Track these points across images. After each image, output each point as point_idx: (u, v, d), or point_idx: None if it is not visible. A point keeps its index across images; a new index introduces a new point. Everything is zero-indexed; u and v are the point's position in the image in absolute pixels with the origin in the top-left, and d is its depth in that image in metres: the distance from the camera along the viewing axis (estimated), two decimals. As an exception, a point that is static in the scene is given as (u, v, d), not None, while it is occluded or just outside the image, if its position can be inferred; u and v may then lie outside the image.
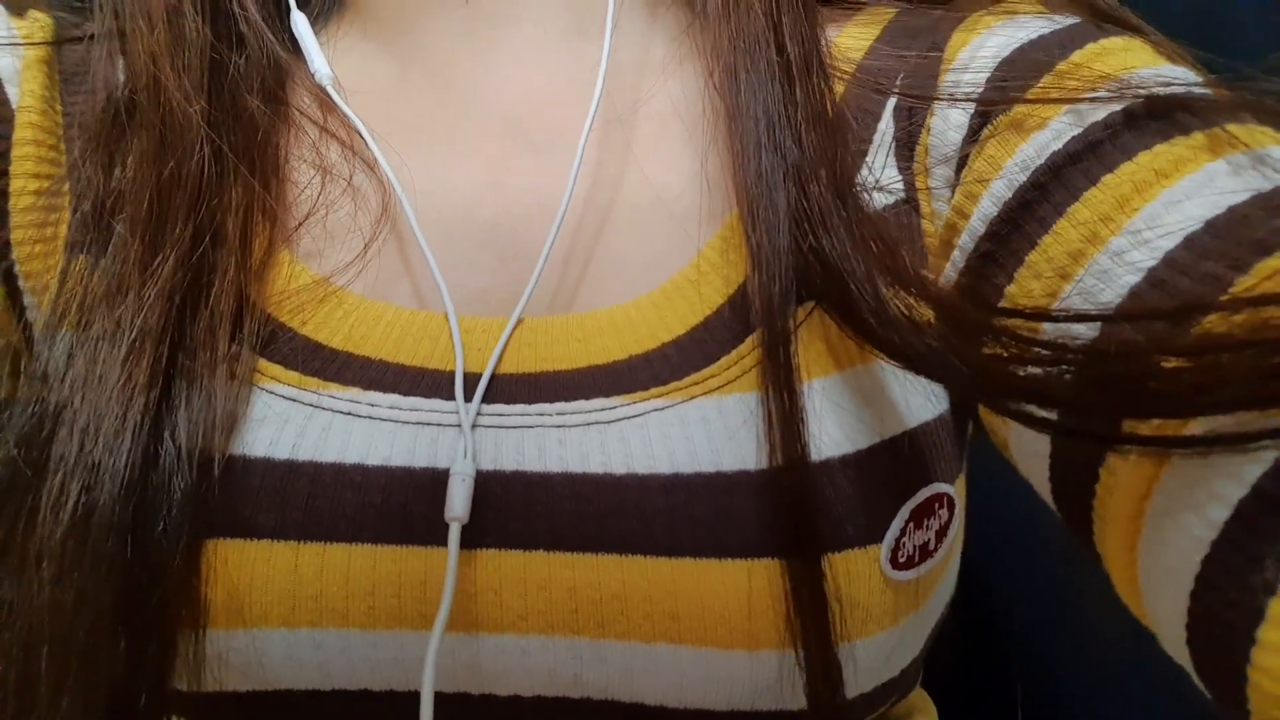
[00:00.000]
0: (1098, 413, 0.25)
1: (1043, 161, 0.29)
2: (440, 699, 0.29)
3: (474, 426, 0.30)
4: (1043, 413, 0.26)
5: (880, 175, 0.33)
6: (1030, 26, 0.32)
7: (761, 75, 0.32)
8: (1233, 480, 0.22)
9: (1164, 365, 0.23)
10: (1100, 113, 0.29)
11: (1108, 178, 0.28)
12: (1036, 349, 0.25)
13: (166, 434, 0.29)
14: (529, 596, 0.28)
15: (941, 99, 0.32)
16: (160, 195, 0.31)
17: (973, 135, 0.31)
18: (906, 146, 0.33)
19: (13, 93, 0.33)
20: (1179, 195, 0.26)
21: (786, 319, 0.29)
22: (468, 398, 0.30)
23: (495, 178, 0.34)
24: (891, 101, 0.34)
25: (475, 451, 0.29)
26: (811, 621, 0.28)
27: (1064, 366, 0.25)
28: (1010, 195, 0.30)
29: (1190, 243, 0.25)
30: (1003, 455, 0.32)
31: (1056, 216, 0.28)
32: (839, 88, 0.34)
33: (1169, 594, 0.24)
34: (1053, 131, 0.29)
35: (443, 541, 0.28)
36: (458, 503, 0.28)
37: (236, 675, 0.29)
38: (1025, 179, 0.29)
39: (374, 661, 0.29)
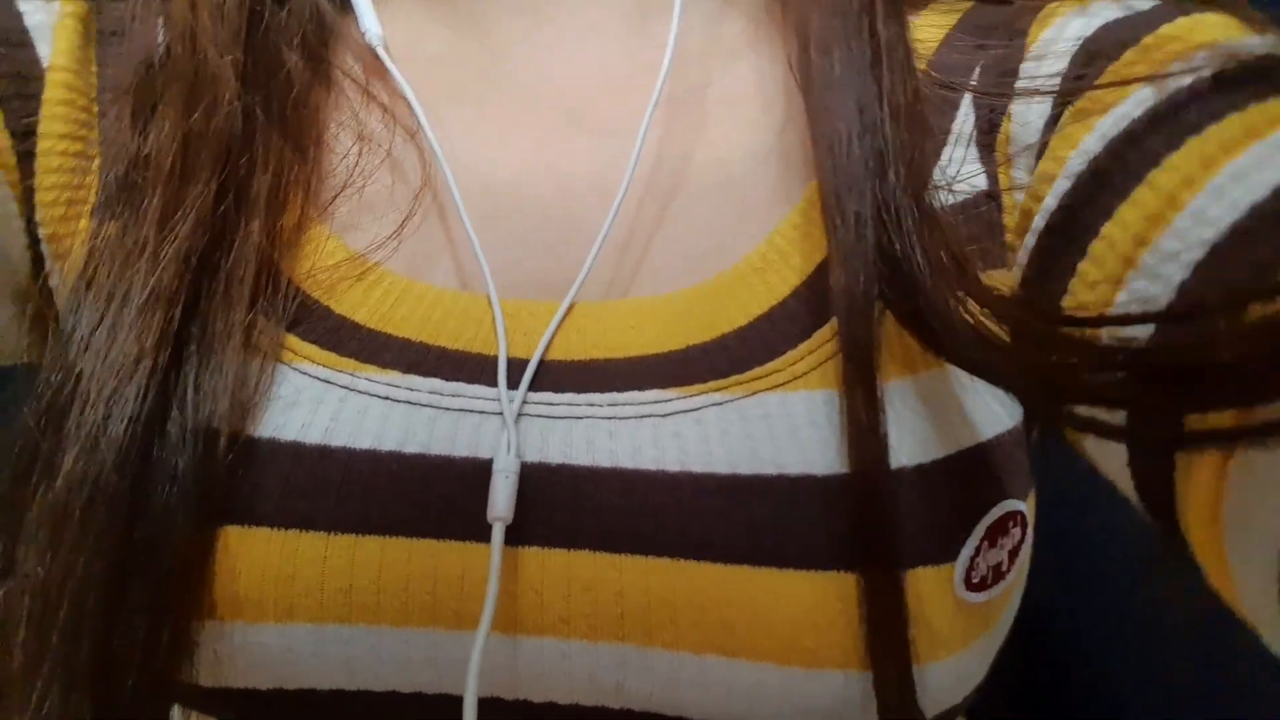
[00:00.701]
0: (1162, 411, 0.24)
1: (1119, 131, 0.27)
2: (459, 704, 0.27)
3: (519, 416, 0.28)
4: (1109, 418, 0.25)
5: (960, 169, 0.31)
6: (1111, 10, 0.30)
7: (854, 58, 0.30)
8: None
9: (1221, 356, 0.22)
10: (1186, 80, 0.27)
11: (1193, 140, 0.26)
12: (1099, 354, 0.25)
13: (174, 404, 0.27)
14: (573, 598, 0.27)
15: (1021, 94, 0.30)
16: (185, 150, 0.30)
17: (1054, 121, 0.30)
18: (988, 135, 0.31)
19: (44, 51, 0.32)
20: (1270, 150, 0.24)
21: (870, 316, 0.27)
22: (513, 385, 0.28)
23: (547, 158, 0.32)
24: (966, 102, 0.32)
25: (519, 445, 0.27)
26: (886, 642, 0.26)
27: (1125, 369, 0.24)
28: (1084, 168, 0.28)
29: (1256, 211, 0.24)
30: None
31: (1135, 184, 0.26)
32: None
33: (1258, 572, 0.22)
34: (1133, 102, 0.27)
35: (483, 537, 0.27)
36: (501, 501, 0.26)
37: (260, 671, 0.27)
38: (1100, 149, 0.28)
39: (404, 661, 0.27)
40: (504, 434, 0.27)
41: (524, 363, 0.29)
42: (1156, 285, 0.25)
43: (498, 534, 0.26)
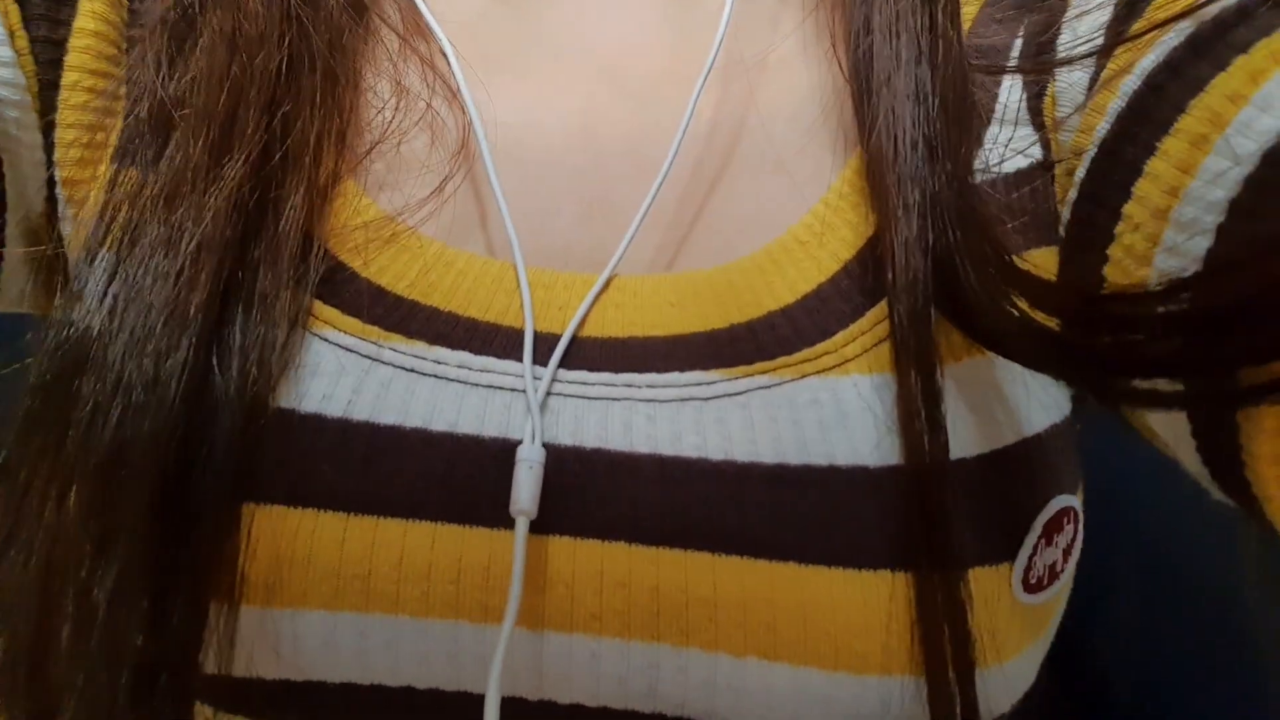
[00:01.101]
0: (1218, 369, 0.23)
1: (1159, 62, 0.25)
2: (481, 702, 0.25)
3: (549, 395, 0.26)
4: (1167, 389, 0.24)
5: (1010, 143, 0.29)
6: None
7: (909, 45, 0.28)
8: None
9: (1265, 306, 0.21)
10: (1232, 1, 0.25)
11: (1240, 59, 0.24)
12: (1147, 326, 0.23)
13: (216, 366, 0.25)
14: (605, 594, 0.25)
15: (1063, 64, 0.28)
16: (231, 90, 0.27)
17: (1098, 76, 0.28)
18: (1036, 101, 0.30)
19: None
20: None
21: (927, 305, 0.26)
22: (544, 361, 0.26)
23: (586, 123, 0.30)
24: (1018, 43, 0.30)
25: (543, 430, 0.26)
26: (945, 648, 0.24)
27: (1175, 335, 0.23)
28: (1124, 106, 0.26)
29: None
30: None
31: (1177, 114, 0.25)
32: None
33: None
34: (1175, 32, 0.26)
35: (512, 525, 0.25)
36: (525, 494, 0.24)
37: (266, 661, 0.25)
38: (1140, 84, 0.26)
39: (423, 655, 0.25)
40: (528, 421, 0.25)
41: (555, 338, 0.27)
42: (1207, 212, 0.24)
43: (521, 529, 0.24)
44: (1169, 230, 0.24)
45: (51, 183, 0.29)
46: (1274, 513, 0.24)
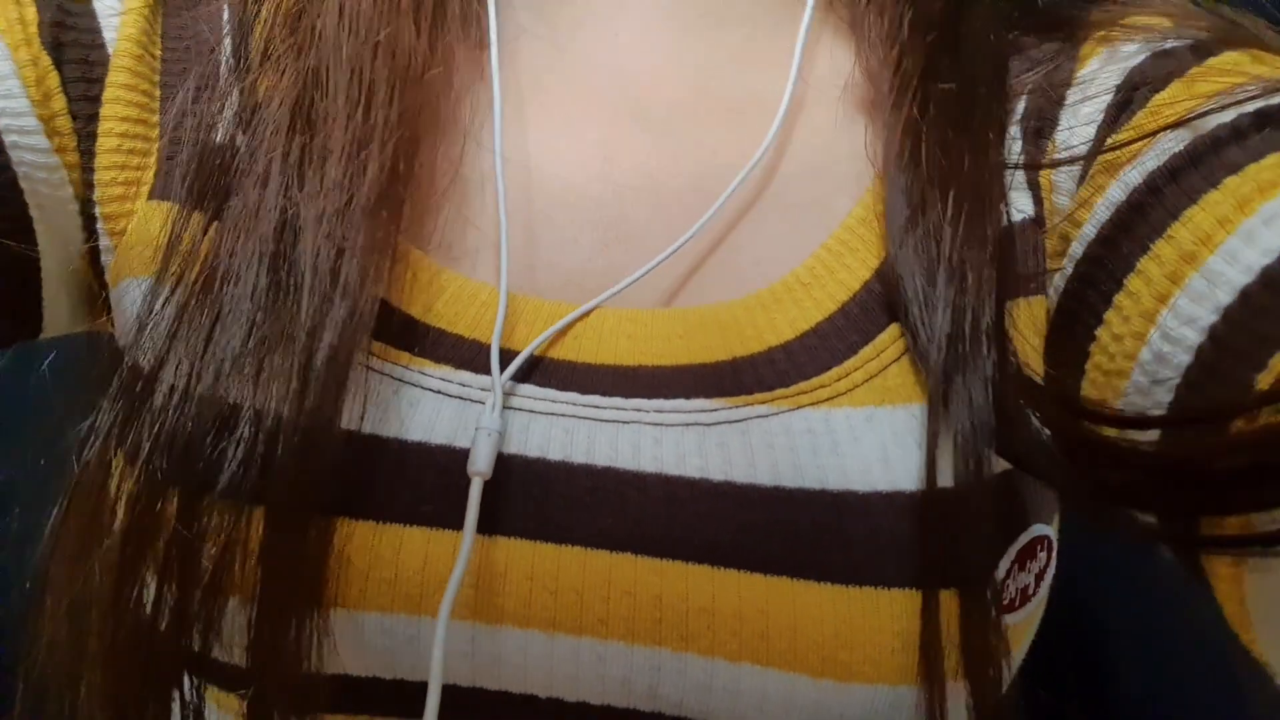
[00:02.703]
0: (1177, 513, 0.26)
1: (1161, 164, 0.28)
2: (499, 699, 0.28)
3: (572, 417, 0.29)
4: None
5: (1008, 197, 0.32)
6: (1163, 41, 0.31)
7: (946, 158, 0.30)
8: None
9: (1216, 464, 0.24)
10: (1228, 115, 0.28)
11: (1230, 180, 0.26)
12: (1112, 454, 0.26)
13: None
14: (613, 600, 0.27)
15: (1058, 164, 0.31)
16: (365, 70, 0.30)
17: (1099, 146, 0.30)
18: (1035, 144, 0.32)
19: (110, 35, 0.32)
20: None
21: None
22: (541, 381, 0.29)
23: (606, 154, 0.33)
24: (1015, 125, 0.32)
25: (562, 447, 0.28)
26: (926, 660, 0.26)
27: (1136, 471, 0.26)
28: (1124, 199, 0.29)
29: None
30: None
31: (1170, 221, 0.27)
32: None
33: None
34: (1175, 137, 0.28)
35: (521, 533, 0.27)
36: (481, 457, 0.27)
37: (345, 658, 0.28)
38: (1140, 180, 0.28)
39: (420, 651, 0.27)
40: (490, 396, 0.28)
41: (559, 363, 0.29)
42: (1189, 329, 0.26)
43: (475, 490, 0.26)
44: (1154, 333, 0.27)
45: (91, 219, 0.32)
46: (1225, 605, 0.26)
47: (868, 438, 0.28)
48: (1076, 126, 0.31)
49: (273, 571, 0.26)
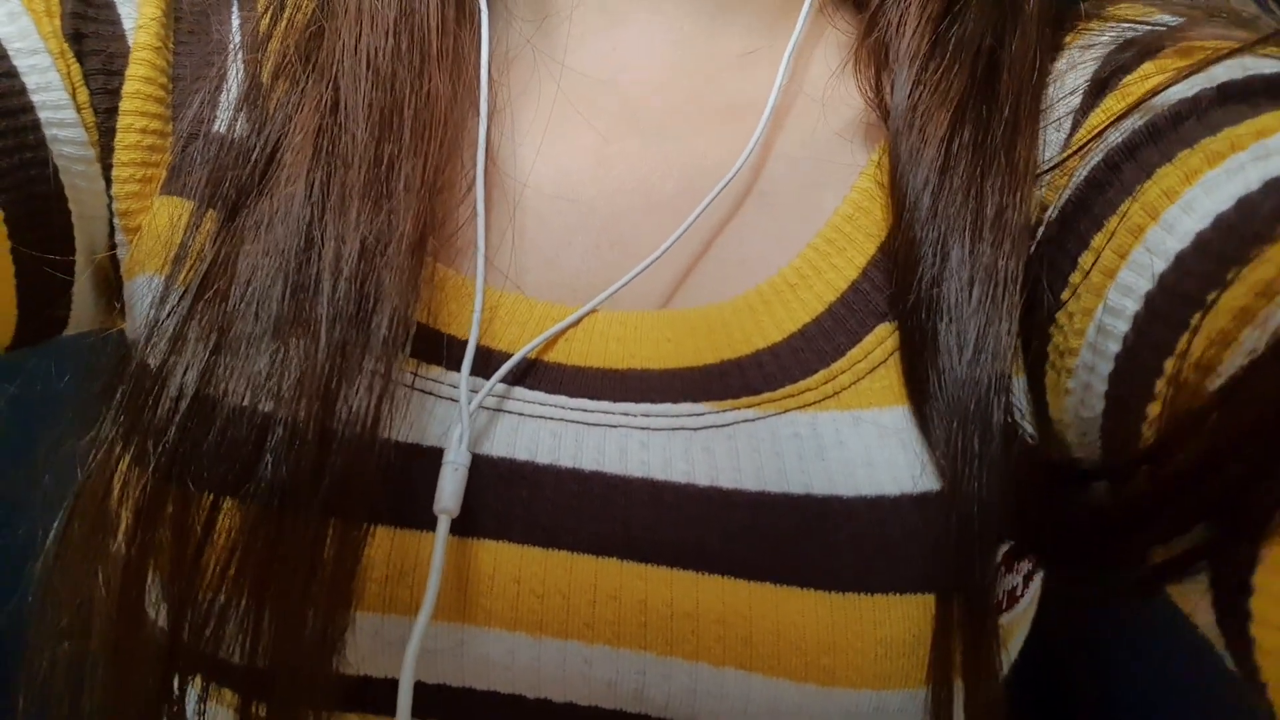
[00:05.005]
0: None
1: (1119, 142, 0.28)
2: (488, 699, 0.28)
3: (562, 421, 0.29)
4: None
5: None
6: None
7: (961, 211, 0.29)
8: None
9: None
10: (1192, 89, 0.27)
11: (1184, 154, 0.26)
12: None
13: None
14: (599, 605, 0.27)
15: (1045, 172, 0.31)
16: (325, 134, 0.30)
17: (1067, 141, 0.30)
18: None
19: (129, 25, 0.32)
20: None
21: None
22: (533, 385, 0.29)
23: (600, 158, 0.33)
24: None
25: (551, 450, 0.28)
26: (936, 663, 0.27)
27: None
28: (1082, 177, 0.28)
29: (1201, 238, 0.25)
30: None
31: (1124, 197, 0.27)
32: None
33: None
34: (1139, 114, 0.28)
35: (508, 536, 0.28)
36: (447, 494, 0.27)
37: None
38: (1099, 159, 0.28)
39: (431, 653, 0.28)
40: (457, 427, 0.28)
41: (554, 366, 0.29)
42: (1128, 299, 0.26)
43: (442, 527, 0.27)
44: (1100, 308, 0.27)
45: (110, 214, 0.32)
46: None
47: (853, 442, 0.28)
48: (1055, 120, 0.31)
49: (292, 573, 0.26)
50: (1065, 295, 0.28)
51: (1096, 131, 0.29)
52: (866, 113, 0.33)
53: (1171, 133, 0.27)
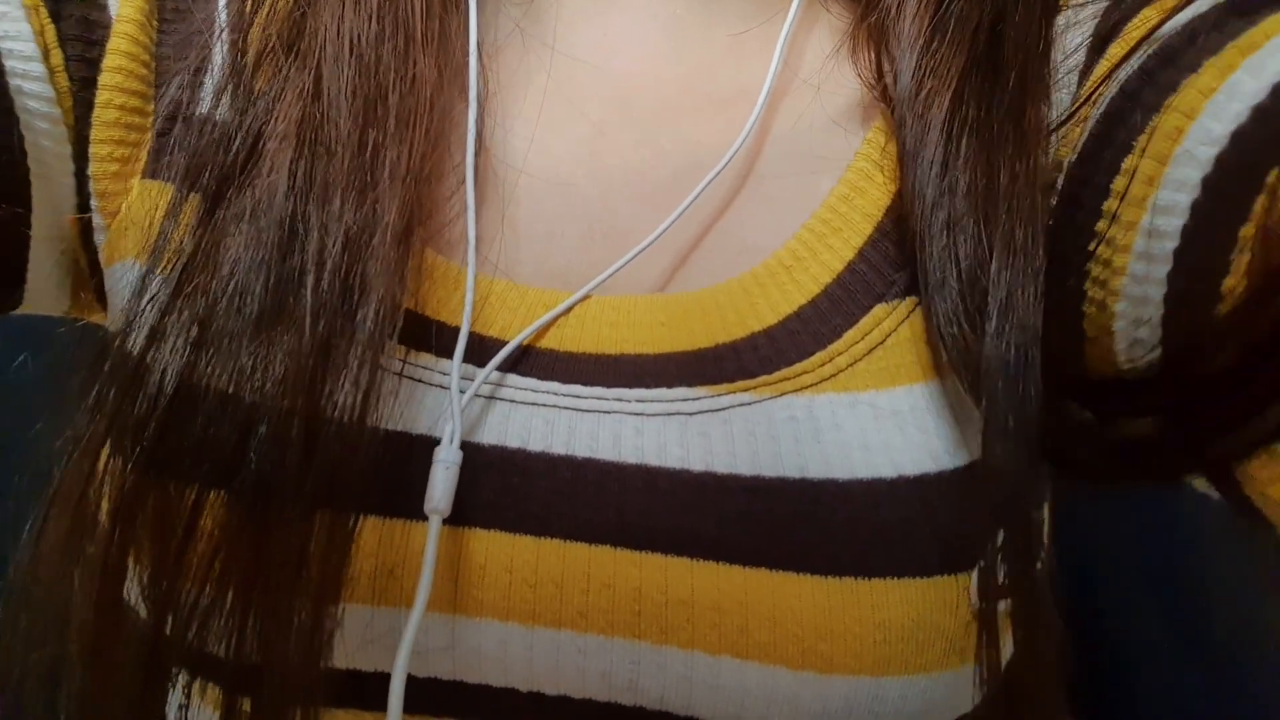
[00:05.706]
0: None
1: (1135, 70, 0.28)
2: (480, 692, 0.28)
3: (550, 407, 0.28)
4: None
5: None
6: None
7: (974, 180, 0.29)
8: None
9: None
10: (1201, 8, 0.27)
11: (1209, 61, 0.26)
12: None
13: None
14: (592, 593, 0.27)
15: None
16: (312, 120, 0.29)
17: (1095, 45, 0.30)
18: None
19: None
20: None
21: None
22: (528, 372, 0.28)
23: (593, 149, 0.32)
24: None
25: (542, 438, 0.28)
26: (984, 639, 0.27)
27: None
28: (1102, 113, 0.28)
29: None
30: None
31: (1154, 114, 0.27)
32: None
33: None
34: (1146, 47, 0.28)
35: (500, 525, 0.27)
36: (439, 493, 0.26)
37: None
38: (1116, 92, 0.28)
39: (422, 646, 0.27)
40: (448, 423, 0.27)
41: (549, 353, 0.29)
42: (1181, 193, 0.26)
43: (434, 527, 0.26)
44: (1145, 218, 0.27)
45: (85, 194, 0.31)
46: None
47: (850, 425, 0.28)
48: (1061, 78, 0.30)
49: (279, 567, 0.26)
50: (1101, 226, 0.28)
51: (1105, 75, 0.28)
52: (862, 94, 0.33)
53: (1190, 49, 0.27)
